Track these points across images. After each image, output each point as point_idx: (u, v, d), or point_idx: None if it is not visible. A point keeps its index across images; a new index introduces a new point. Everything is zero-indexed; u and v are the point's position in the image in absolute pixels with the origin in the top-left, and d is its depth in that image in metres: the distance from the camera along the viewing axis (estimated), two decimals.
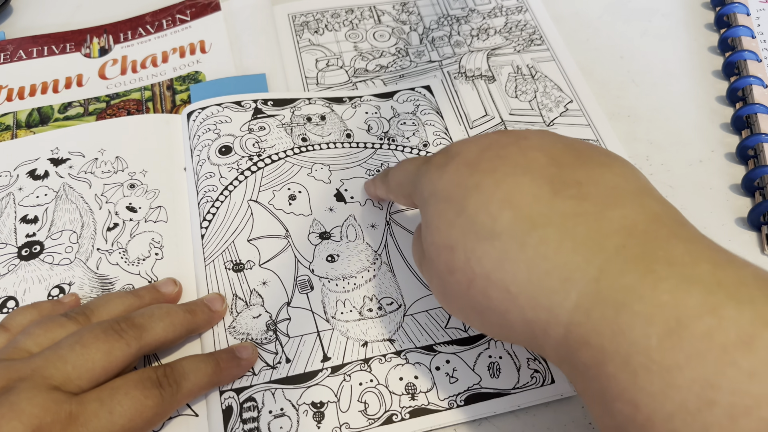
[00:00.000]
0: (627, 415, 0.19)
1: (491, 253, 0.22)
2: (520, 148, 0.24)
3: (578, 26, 0.48)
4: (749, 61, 0.42)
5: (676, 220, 0.22)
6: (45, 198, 0.37)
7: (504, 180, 0.23)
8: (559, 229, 0.21)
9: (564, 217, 0.21)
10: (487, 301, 0.23)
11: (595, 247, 0.21)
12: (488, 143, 0.25)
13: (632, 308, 0.19)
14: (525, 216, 0.22)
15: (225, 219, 0.36)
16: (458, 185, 0.24)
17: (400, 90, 0.43)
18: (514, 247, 0.22)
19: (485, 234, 0.22)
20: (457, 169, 0.24)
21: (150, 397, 0.26)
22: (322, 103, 0.41)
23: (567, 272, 0.21)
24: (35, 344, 0.28)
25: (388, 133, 0.40)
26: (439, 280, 0.25)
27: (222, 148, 0.38)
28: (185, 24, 0.48)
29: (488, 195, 0.23)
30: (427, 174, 0.26)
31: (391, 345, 0.31)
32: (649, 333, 0.18)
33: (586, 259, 0.20)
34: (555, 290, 0.21)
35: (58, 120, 0.42)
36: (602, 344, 0.19)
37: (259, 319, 0.32)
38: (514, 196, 0.22)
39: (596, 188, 0.22)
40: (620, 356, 0.19)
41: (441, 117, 0.41)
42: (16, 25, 0.49)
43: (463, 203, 0.23)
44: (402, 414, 0.29)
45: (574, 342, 0.20)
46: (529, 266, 0.21)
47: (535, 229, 0.21)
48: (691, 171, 0.39)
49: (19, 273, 0.34)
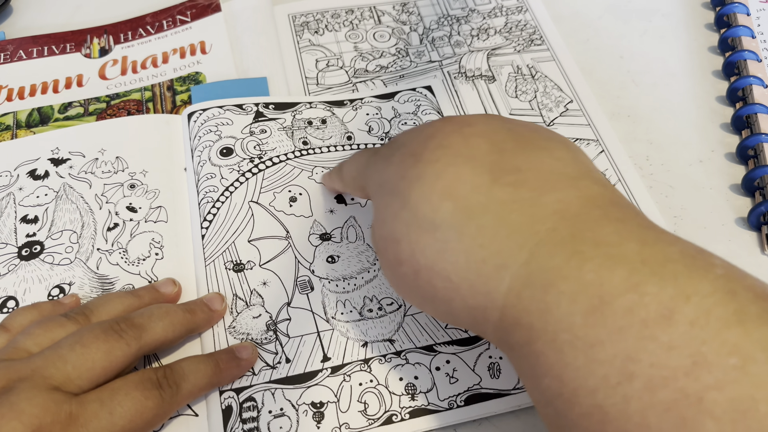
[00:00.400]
0: (554, 390, 0.20)
1: (433, 244, 0.23)
2: (463, 136, 0.24)
3: (578, 26, 0.48)
4: (749, 61, 0.42)
5: (611, 201, 0.22)
6: (45, 198, 0.37)
7: (445, 170, 0.23)
8: (496, 216, 0.22)
9: (501, 204, 0.22)
10: (433, 291, 0.23)
11: (528, 232, 0.21)
12: (432, 132, 0.25)
13: (558, 287, 0.20)
14: (464, 206, 0.22)
15: (226, 219, 0.36)
16: (402, 177, 0.24)
17: (401, 91, 0.43)
18: (454, 237, 0.22)
19: (427, 226, 0.23)
20: (402, 160, 0.25)
21: (150, 398, 0.26)
22: (323, 106, 0.41)
23: (501, 259, 0.21)
24: (35, 344, 0.28)
25: (389, 133, 0.40)
26: (390, 271, 0.25)
27: (223, 149, 0.38)
28: (186, 25, 0.48)
29: (430, 186, 0.23)
30: (374, 165, 0.27)
31: (391, 345, 0.31)
32: (574, 311, 0.19)
33: (519, 244, 0.21)
34: (491, 276, 0.21)
35: (58, 120, 0.42)
36: (531, 323, 0.20)
37: (259, 319, 0.32)
38: (455, 187, 0.23)
39: (534, 174, 0.23)
40: (548, 334, 0.20)
41: (442, 117, 0.41)
42: (16, 25, 0.49)
43: (407, 195, 0.24)
44: (402, 414, 0.29)
45: (508, 324, 0.21)
46: (467, 255, 0.22)
47: (472, 219, 0.22)
48: (691, 171, 0.39)
49: (20, 273, 0.34)
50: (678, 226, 0.36)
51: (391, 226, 0.24)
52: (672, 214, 0.37)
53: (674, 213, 0.37)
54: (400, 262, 0.24)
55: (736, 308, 0.18)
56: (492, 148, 0.23)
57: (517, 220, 0.21)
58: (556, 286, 0.20)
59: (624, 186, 0.38)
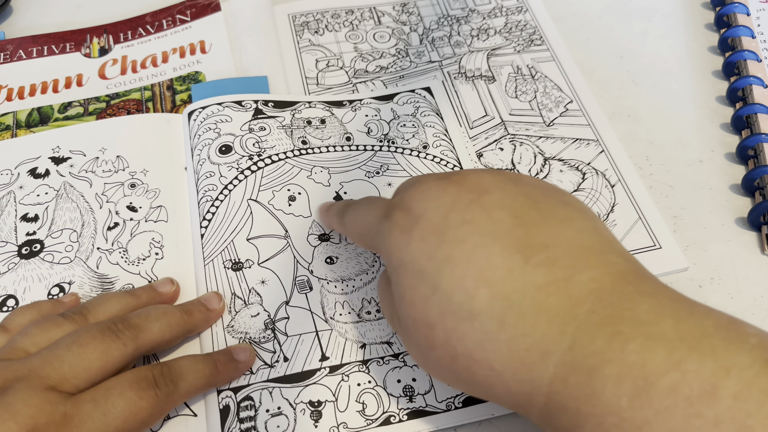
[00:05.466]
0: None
1: (471, 334, 0.22)
2: (485, 209, 0.24)
3: (578, 26, 0.47)
4: (749, 61, 0.42)
5: (638, 274, 0.23)
6: (45, 196, 0.37)
7: (475, 252, 0.23)
8: (534, 302, 0.22)
9: (537, 289, 0.22)
10: (471, 377, 0.23)
11: (567, 316, 0.21)
12: (450, 203, 0.24)
13: (603, 371, 0.20)
14: (501, 294, 0.22)
15: (224, 218, 0.36)
16: (429, 258, 0.23)
17: (400, 92, 0.43)
18: (494, 327, 0.22)
19: (464, 314, 0.22)
20: (423, 237, 0.24)
21: (145, 398, 0.26)
22: (322, 106, 0.41)
23: (545, 345, 0.21)
24: (32, 344, 0.28)
25: (387, 135, 0.40)
26: (419, 351, 0.25)
27: (222, 147, 0.38)
28: (185, 24, 0.48)
29: (461, 271, 0.23)
30: (391, 237, 0.25)
31: (389, 348, 0.31)
32: (620, 393, 0.19)
33: (560, 330, 0.21)
34: (536, 364, 0.21)
35: (57, 120, 0.42)
36: (578, 408, 0.20)
37: (257, 318, 0.32)
38: (488, 272, 0.22)
39: (562, 250, 0.23)
40: (595, 418, 0.20)
41: (441, 118, 0.41)
42: (16, 25, 0.50)
43: (437, 279, 0.23)
44: (400, 415, 0.29)
45: (554, 408, 0.21)
46: (510, 345, 0.22)
47: (512, 307, 0.22)
48: (691, 171, 0.39)
49: (19, 271, 0.34)
50: (678, 226, 0.36)
51: (421, 309, 0.23)
52: (672, 214, 0.37)
53: (674, 213, 0.37)
54: (433, 347, 0.24)
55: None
56: (516, 222, 0.23)
57: (555, 304, 0.22)
58: (601, 370, 0.20)
59: (624, 186, 0.38)
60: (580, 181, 0.38)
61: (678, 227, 0.36)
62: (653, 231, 0.35)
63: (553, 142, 0.40)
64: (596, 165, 0.39)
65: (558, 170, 0.39)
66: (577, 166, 0.39)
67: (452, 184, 0.25)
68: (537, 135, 0.40)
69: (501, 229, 0.23)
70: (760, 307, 0.33)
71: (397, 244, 0.25)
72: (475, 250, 0.23)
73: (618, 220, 0.36)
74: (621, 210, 0.36)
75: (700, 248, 0.35)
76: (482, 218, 0.23)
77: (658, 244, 0.35)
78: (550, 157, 0.39)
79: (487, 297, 0.22)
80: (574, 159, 0.39)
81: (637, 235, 0.35)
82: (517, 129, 0.41)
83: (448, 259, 0.23)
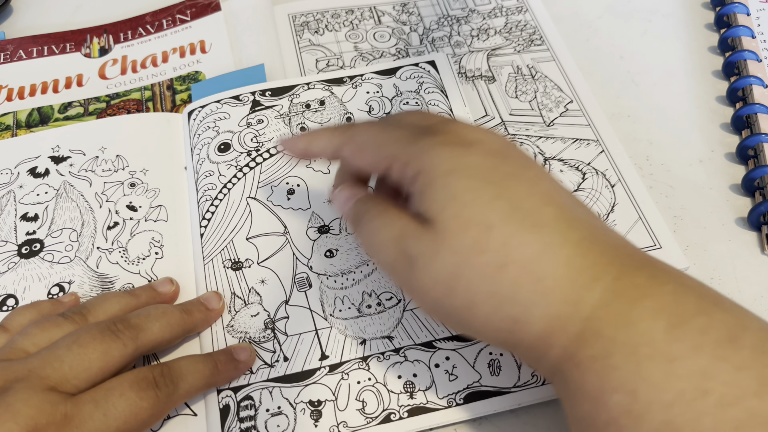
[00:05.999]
0: (623, 407, 0.20)
1: (533, 243, 0.22)
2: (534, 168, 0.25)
3: (578, 26, 0.47)
4: (749, 61, 0.42)
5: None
6: (45, 196, 0.37)
7: (540, 177, 0.24)
8: (591, 233, 0.23)
9: (592, 221, 0.24)
10: (513, 290, 0.22)
11: (614, 252, 0.23)
12: (504, 141, 0.26)
13: (643, 303, 0.21)
14: (567, 215, 0.23)
15: (224, 217, 0.36)
16: (493, 168, 0.24)
17: (403, 66, 0.42)
18: (558, 241, 0.22)
19: (529, 223, 0.23)
20: (486, 153, 0.25)
21: (145, 399, 0.26)
22: (322, 86, 0.41)
23: (596, 272, 0.22)
24: (32, 344, 0.28)
25: (390, 113, 0.39)
26: (457, 257, 0.23)
27: (221, 145, 0.38)
28: (185, 24, 0.48)
29: (529, 186, 0.24)
30: (434, 149, 0.25)
31: (389, 342, 0.31)
32: (656, 326, 0.20)
33: (610, 261, 0.23)
34: (585, 286, 0.22)
35: (58, 120, 0.42)
36: (614, 335, 0.21)
37: (257, 317, 0.32)
38: (553, 195, 0.24)
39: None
40: (628, 347, 0.21)
41: (446, 96, 0.40)
42: (16, 25, 0.50)
43: (503, 187, 0.23)
44: (400, 413, 0.29)
45: (589, 335, 0.22)
46: (568, 263, 0.22)
47: (576, 229, 0.23)
48: (691, 171, 0.39)
49: (19, 271, 0.34)
50: (678, 226, 0.36)
51: (480, 210, 0.23)
52: (672, 214, 0.37)
53: (674, 213, 0.37)
54: (483, 251, 0.22)
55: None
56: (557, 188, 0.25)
57: (605, 240, 0.23)
58: (641, 302, 0.21)
59: (624, 186, 0.38)
60: (580, 181, 0.38)
61: (678, 227, 0.36)
62: (653, 231, 0.35)
63: (553, 142, 0.40)
64: (596, 165, 0.39)
65: (558, 170, 0.39)
66: (577, 166, 0.39)
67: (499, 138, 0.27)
68: (537, 135, 0.40)
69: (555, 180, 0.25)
70: (760, 307, 0.33)
71: (449, 154, 0.24)
72: (540, 176, 0.24)
73: (618, 220, 0.36)
74: (621, 210, 0.36)
75: (700, 248, 0.35)
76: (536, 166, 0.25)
77: (658, 244, 0.35)
78: (550, 157, 0.39)
79: (553, 215, 0.23)
80: (574, 159, 0.39)
81: (637, 235, 0.35)
82: (518, 129, 0.41)
83: (515, 175, 0.24)
